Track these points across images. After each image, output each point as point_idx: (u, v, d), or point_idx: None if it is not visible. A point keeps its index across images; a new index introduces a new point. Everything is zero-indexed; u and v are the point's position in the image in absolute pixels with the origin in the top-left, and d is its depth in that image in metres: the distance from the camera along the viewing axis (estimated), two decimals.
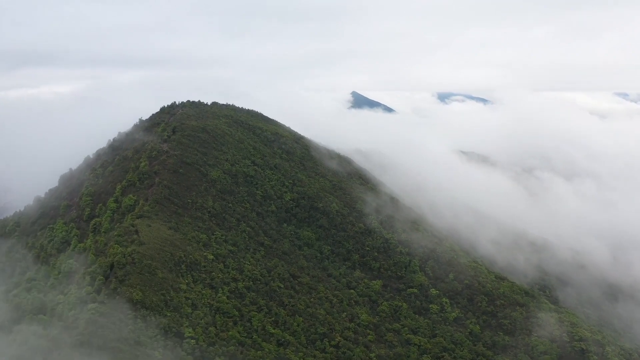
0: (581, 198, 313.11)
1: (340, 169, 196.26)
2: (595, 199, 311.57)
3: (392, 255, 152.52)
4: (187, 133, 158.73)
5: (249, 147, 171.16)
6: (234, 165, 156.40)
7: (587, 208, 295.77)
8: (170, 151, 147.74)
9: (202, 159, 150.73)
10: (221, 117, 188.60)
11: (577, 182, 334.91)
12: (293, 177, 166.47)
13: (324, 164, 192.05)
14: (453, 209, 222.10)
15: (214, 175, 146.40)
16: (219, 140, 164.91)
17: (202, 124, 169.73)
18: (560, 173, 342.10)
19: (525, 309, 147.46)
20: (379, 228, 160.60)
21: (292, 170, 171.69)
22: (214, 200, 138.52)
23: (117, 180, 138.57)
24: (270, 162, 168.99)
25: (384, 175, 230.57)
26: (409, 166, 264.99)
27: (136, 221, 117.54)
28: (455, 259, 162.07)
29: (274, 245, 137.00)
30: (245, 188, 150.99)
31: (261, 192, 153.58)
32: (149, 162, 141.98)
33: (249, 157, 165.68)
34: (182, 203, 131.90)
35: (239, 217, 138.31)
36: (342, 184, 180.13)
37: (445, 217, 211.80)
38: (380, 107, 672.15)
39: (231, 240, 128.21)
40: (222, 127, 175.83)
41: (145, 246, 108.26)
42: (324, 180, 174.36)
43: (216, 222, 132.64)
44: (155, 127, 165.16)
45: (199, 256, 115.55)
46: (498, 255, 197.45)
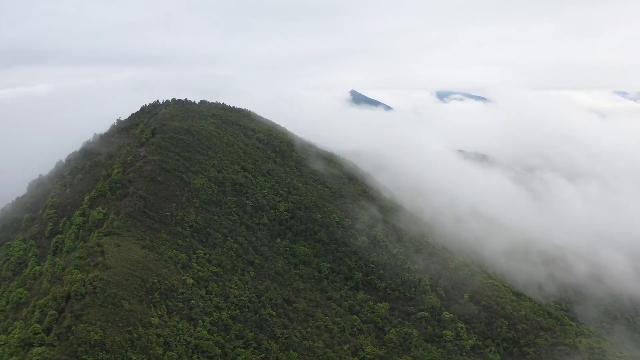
0: (588, 201, 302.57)
1: (341, 174, 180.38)
2: (602, 202, 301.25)
3: (399, 272, 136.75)
4: (168, 135, 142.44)
5: (238, 150, 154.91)
6: (221, 172, 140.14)
7: (595, 212, 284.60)
8: (148, 156, 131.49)
9: (185, 164, 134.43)
10: (209, 117, 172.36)
11: (580, 184, 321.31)
12: (288, 185, 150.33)
13: (323, 168, 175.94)
14: (457, 213, 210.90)
15: (198, 183, 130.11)
16: (204, 143, 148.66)
17: (186, 124, 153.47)
18: (562, 173, 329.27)
19: (550, 333, 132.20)
20: (385, 241, 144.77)
21: (287, 176, 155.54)
22: (197, 212, 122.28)
23: (86, 190, 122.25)
24: (263, 167, 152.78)
25: (384, 178, 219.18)
26: (410, 167, 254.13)
27: (103, 239, 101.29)
28: (470, 276, 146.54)
29: (266, 264, 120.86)
30: (233, 198, 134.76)
31: (252, 202, 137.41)
32: (123, 168, 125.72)
33: (239, 162, 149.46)
34: (160, 217, 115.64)
35: (226, 232, 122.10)
36: (343, 191, 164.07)
37: (450, 224, 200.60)
38: (379, 106, 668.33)
39: (215, 259, 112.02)
40: (209, 128, 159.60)
41: (110, 271, 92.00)
42: (323, 188, 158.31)
43: (199, 238, 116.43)
44: (133, 128, 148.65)
45: (177, 281, 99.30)
46: (509, 266, 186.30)
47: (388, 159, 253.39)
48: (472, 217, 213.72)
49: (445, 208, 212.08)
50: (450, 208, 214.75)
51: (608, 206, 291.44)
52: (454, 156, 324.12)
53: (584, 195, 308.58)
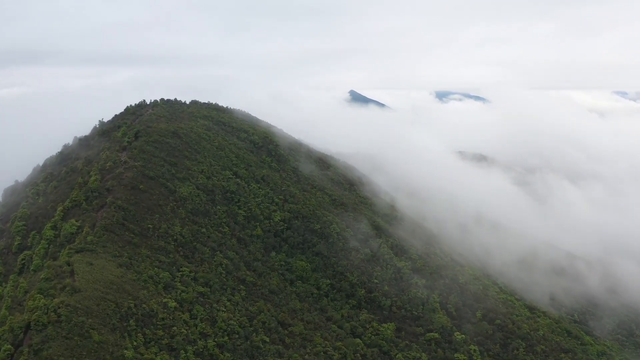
0: (592, 204, 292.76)
1: (341, 179, 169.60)
2: (607, 205, 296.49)
3: (406, 288, 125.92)
4: (153, 138, 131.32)
5: (230, 155, 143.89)
6: (211, 179, 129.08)
7: (601, 215, 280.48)
8: (130, 162, 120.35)
9: (170, 171, 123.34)
10: (199, 118, 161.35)
11: (583, 186, 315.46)
12: (284, 192, 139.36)
13: (322, 173, 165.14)
14: (461, 219, 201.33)
15: (184, 191, 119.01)
16: (193, 147, 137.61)
17: (173, 126, 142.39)
18: (564, 174, 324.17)
19: (572, 355, 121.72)
20: (389, 254, 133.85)
21: (283, 182, 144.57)
22: (183, 224, 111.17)
23: (60, 200, 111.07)
24: (257, 173, 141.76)
25: (384, 181, 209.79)
26: (410, 169, 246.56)
27: (74, 257, 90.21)
28: (482, 291, 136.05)
29: (259, 281, 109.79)
30: (223, 207, 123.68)
31: (244, 211, 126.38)
32: (101, 175, 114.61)
33: (230, 167, 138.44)
34: (140, 229, 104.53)
35: (215, 246, 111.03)
36: (344, 198, 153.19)
37: (455, 231, 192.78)
38: (378, 106, 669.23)
39: (202, 278, 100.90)
40: (198, 130, 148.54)
41: (79, 295, 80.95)
42: (322, 195, 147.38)
43: (184, 253, 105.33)
44: (115, 131, 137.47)
45: (157, 304, 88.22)
46: (518, 276, 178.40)
47: (387, 161, 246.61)
48: (476, 222, 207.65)
49: (449, 213, 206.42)
50: (453, 213, 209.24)
51: (613, 209, 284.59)
52: (455, 158, 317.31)
53: (589, 198, 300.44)
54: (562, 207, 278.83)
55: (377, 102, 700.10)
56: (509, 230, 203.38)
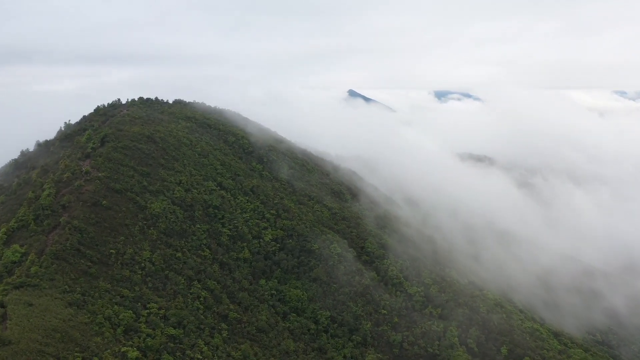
0: (601, 209, 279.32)
1: (342, 188, 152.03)
2: (616, 210, 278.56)
3: (419, 320, 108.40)
4: (122, 144, 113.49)
5: (215, 162, 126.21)
6: (190, 191, 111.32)
7: (610, 220, 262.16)
8: (92, 172, 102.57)
9: (141, 182, 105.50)
10: (181, 119, 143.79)
11: (588, 189, 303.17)
12: (277, 205, 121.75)
13: (321, 182, 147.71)
14: (468, 227, 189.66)
15: (157, 207, 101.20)
16: (170, 153, 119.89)
17: (149, 130, 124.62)
18: (566, 175, 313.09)
19: None
20: (399, 278, 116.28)
21: (276, 194, 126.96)
22: (154, 248, 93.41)
23: (5, 219, 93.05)
24: (246, 183, 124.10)
25: (386, 185, 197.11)
26: (411, 173, 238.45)
27: (10, 295, 72.58)
28: (506, 321, 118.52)
29: (245, 317, 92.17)
30: (204, 226, 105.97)
31: (229, 230, 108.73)
32: (57, 189, 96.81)
33: (214, 177, 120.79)
34: (100, 256, 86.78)
35: (192, 275, 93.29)
36: (346, 211, 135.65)
37: (463, 242, 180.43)
38: (378, 106, 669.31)
39: (174, 316, 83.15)
40: (179, 134, 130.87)
41: (9, 349, 63.38)
42: (321, 208, 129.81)
43: (153, 285, 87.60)
44: (80, 134, 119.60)
45: (112, 356, 70.31)
46: (536, 294, 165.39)
47: (387, 164, 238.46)
48: (484, 232, 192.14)
49: (456, 222, 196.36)
50: (460, 222, 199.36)
51: (622, 214, 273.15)
52: (456, 160, 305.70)
53: (596, 202, 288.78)
54: (569, 213, 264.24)
55: (377, 102, 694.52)
56: (520, 240, 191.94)
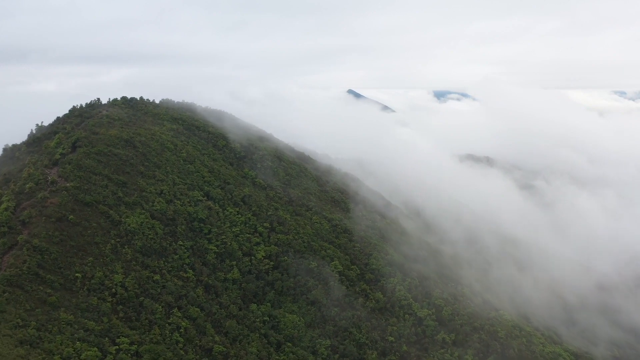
0: (608, 213, 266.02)
1: (343, 196, 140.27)
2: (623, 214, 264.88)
3: (430, 348, 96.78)
4: (97, 149, 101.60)
5: (202, 169, 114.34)
6: (173, 202, 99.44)
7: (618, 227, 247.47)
8: (60, 181, 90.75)
9: (116, 193, 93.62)
10: (167, 121, 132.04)
11: (593, 192, 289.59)
12: (271, 218, 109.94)
13: (320, 189, 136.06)
14: (475, 234, 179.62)
15: (133, 222, 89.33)
16: (152, 159, 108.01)
17: (128, 133, 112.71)
18: (568, 177, 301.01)
19: None
20: (408, 299, 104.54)
21: (271, 204, 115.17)
22: (127, 270, 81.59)
23: None
24: (236, 193, 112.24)
25: (387, 190, 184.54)
26: (414, 176, 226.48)
27: None
28: (526, 346, 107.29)
29: (232, 350, 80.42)
30: (187, 243, 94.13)
31: (216, 247, 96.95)
32: (17, 202, 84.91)
33: (201, 186, 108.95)
34: (64, 281, 75.08)
35: (171, 301, 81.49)
36: (347, 222, 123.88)
37: (471, 252, 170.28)
38: (377, 106, 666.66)
39: (149, 352, 71.35)
40: (162, 137, 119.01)
41: None
42: (320, 219, 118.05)
43: (125, 314, 75.80)
44: (49, 139, 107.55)
45: None
46: (552, 309, 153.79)
47: (387, 167, 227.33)
48: (492, 240, 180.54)
49: (462, 230, 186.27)
50: (467, 230, 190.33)
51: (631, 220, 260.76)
52: (457, 162, 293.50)
53: (602, 206, 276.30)
54: (574, 217, 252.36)
55: (376, 102, 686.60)
56: (528, 248, 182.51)
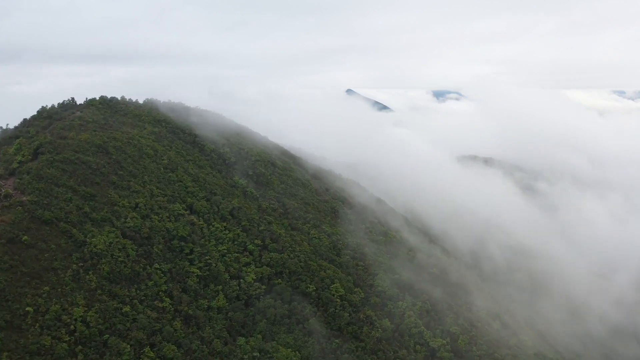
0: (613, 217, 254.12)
1: (344, 206, 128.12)
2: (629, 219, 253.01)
3: None
4: (62, 156, 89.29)
5: (185, 178, 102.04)
6: (149, 218, 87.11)
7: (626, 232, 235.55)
8: (15, 195, 78.47)
9: (82, 208, 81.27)
10: (148, 123, 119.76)
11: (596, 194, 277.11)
12: (264, 233, 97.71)
13: (320, 199, 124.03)
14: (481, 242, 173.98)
15: (101, 243, 76.95)
16: (127, 167, 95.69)
17: (101, 137, 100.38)
18: (571, 179, 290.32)
19: None
20: (418, 326, 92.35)
21: (263, 218, 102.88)
22: (91, 301, 69.28)
23: None
24: (224, 205, 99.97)
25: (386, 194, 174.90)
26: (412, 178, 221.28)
27: None
28: None
29: None
30: (165, 265, 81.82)
31: (199, 269, 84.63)
32: None
33: (183, 197, 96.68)
34: (11, 317, 63.15)
35: (143, 338, 69.05)
36: (349, 236, 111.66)
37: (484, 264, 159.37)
38: (376, 106, 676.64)
39: None
40: (142, 141, 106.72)
41: None
42: (319, 235, 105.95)
43: (85, 357, 63.44)
44: (9, 144, 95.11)
45: None
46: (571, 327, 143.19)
47: (387, 170, 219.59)
48: (500, 248, 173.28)
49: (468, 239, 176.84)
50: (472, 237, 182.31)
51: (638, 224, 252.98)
52: (456, 164, 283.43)
53: (607, 210, 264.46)
54: (580, 221, 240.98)
55: (374, 101, 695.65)
56: (541, 259, 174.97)
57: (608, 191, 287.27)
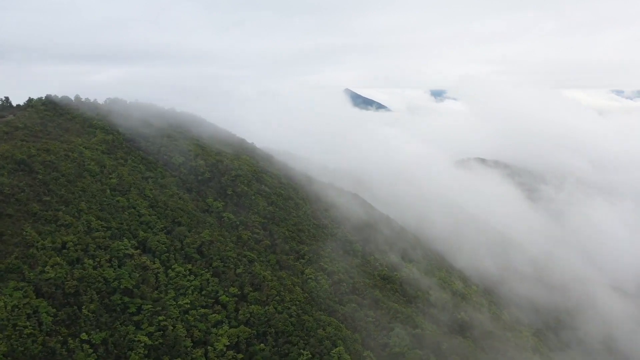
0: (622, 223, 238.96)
1: (347, 232, 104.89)
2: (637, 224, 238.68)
3: None
4: None
5: (139, 202, 78.67)
6: (80, 263, 63.66)
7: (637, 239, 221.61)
8: None
9: None
10: (99, 130, 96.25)
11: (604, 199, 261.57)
12: (242, 279, 74.35)
13: (316, 223, 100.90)
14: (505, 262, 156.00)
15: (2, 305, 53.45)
16: (56, 191, 72.35)
17: (28, 149, 76.94)
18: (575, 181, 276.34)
19: None
20: None
21: (242, 255, 79.54)
22: None
23: None
24: (189, 240, 76.58)
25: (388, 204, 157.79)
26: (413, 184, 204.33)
27: None
28: None
29: None
30: (97, 335, 58.51)
31: (148, 336, 61.22)
32: None
33: (134, 230, 73.35)
34: None
35: None
36: (355, 274, 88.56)
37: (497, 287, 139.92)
38: (376, 106, 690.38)
39: None
40: (84, 155, 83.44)
41: None
42: (316, 274, 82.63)
43: None
44: None
45: None
46: None
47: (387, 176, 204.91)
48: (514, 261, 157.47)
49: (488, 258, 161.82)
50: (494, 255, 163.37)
51: None
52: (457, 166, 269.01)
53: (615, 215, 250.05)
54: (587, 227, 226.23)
55: (373, 102, 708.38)
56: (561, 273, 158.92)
57: (612, 195, 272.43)
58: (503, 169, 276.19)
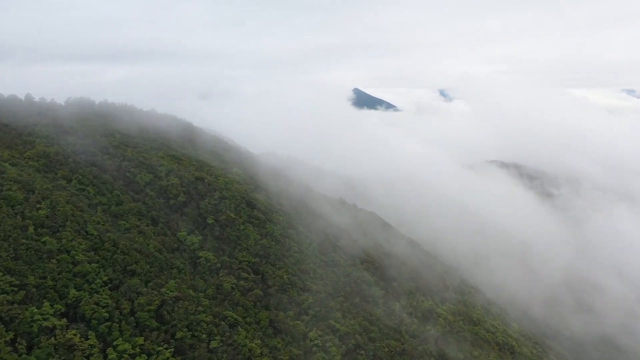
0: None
1: (367, 274, 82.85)
2: None
3: None
4: None
5: (76, 244, 56.79)
6: None
7: None
8: None
9: None
10: (40, 138, 74.66)
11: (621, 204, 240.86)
12: (217, 357, 52.10)
13: (324, 262, 78.93)
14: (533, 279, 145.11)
15: None
16: None
17: None
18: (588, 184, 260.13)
19: None
20: None
21: (220, 318, 57.38)
22: None
23: None
24: (143, 299, 54.49)
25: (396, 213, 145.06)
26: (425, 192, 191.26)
27: None
28: None
29: None
30: None
31: None
32: None
33: (60, 289, 51.25)
34: None
35: None
36: (377, 338, 66.34)
37: None
38: (384, 105, 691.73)
39: None
40: (4, 175, 61.59)
41: None
42: (324, 340, 60.41)
43: None
44: None
45: None
46: None
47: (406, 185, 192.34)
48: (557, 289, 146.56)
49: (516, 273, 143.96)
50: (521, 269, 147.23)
51: None
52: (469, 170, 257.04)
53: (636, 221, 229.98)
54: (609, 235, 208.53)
55: (383, 102, 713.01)
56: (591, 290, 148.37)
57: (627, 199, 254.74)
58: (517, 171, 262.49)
